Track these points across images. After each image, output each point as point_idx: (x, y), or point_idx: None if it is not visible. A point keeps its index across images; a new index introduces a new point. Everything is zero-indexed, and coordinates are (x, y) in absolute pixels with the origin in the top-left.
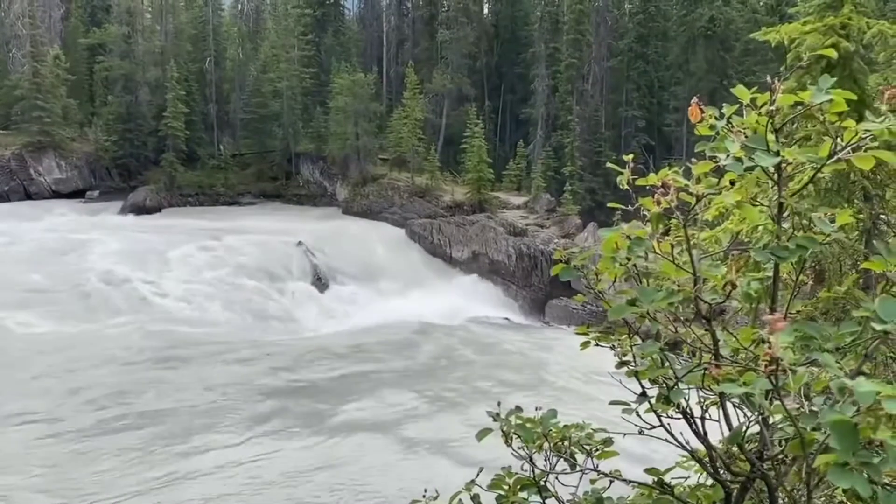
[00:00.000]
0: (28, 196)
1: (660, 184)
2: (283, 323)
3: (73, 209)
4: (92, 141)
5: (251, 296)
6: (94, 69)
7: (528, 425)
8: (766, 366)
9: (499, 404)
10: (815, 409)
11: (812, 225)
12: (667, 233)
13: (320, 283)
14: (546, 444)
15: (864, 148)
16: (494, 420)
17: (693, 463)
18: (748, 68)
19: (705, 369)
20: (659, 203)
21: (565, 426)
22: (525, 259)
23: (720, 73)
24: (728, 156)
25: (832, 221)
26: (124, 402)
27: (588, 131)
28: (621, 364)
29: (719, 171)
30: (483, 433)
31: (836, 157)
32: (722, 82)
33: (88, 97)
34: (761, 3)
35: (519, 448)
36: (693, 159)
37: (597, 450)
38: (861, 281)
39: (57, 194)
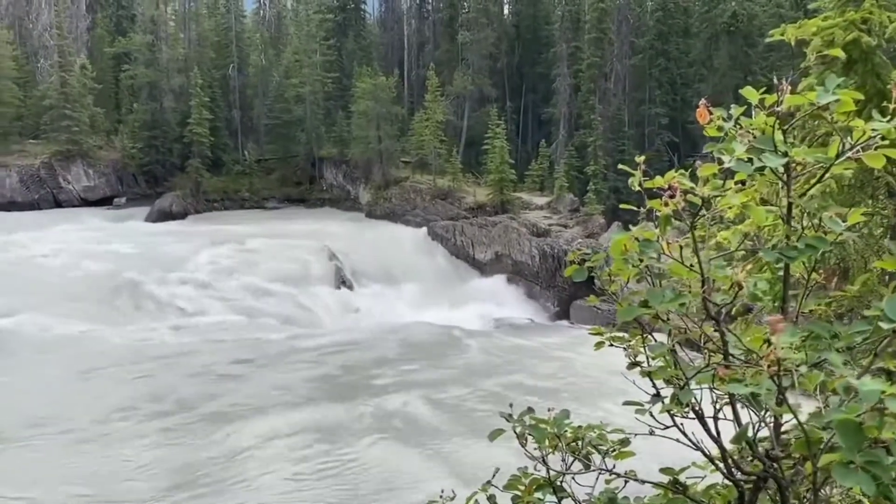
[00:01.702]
0: (57, 204)
1: (666, 186)
2: (309, 326)
3: (101, 216)
4: (119, 148)
5: (276, 299)
6: (119, 78)
7: (541, 426)
8: (768, 366)
9: (511, 405)
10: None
11: (822, 224)
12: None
13: (345, 285)
14: (561, 445)
15: (874, 147)
16: (507, 421)
17: (708, 463)
18: (772, 64)
19: (714, 369)
20: (666, 205)
21: (579, 426)
22: (548, 259)
23: (744, 70)
24: (732, 157)
25: (844, 221)
26: (154, 403)
27: (611, 130)
28: (633, 365)
29: (731, 173)
30: (495, 434)
31: (844, 157)
32: (746, 78)
33: (115, 105)
34: None
35: (534, 449)
36: (698, 161)
37: (613, 450)
38: (886, 278)
39: (85, 202)
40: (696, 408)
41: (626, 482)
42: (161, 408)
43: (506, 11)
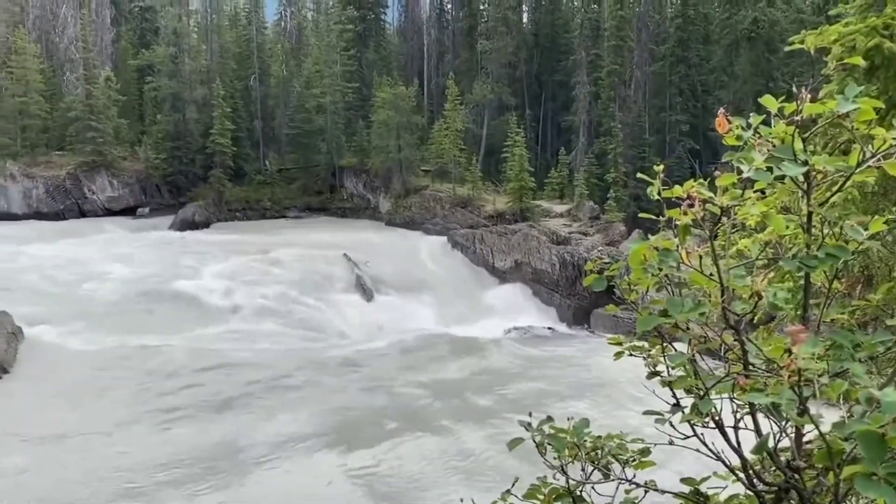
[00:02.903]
0: (82, 214)
1: (685, 196)
2: (330, 335)
3: (125, 226)
4: (142, 159)
5: (297, 308)
6: (143, 89)
7: (560, 435)
8: (789, 376)
9: (530, 414)
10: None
11: (843, 233)
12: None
13: (365, 294)
14: (580, 454)
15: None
16: (526, 430)
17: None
18: (793, 70)
19: (734, 379)
20: (685, 214)
21: (598, 436)
22: (569, 267)
23: (765, 76)
24: (751, 167)
25: (865, 229)
26: (171, 411)
27: (631, 137)
28: (652, 374)
29: (751, 181)
30: (514, 443)
31: (864, 166)
32: (767, 84)
33: (138, 117)
34: (807, 3)
35: (553, 458)
36: (717, 171)
37: (633, 459)
38: None
39: (109, 212)
40: (717, 418)
41: (646, 492)
42: (179, 415)
43: (525, 20)
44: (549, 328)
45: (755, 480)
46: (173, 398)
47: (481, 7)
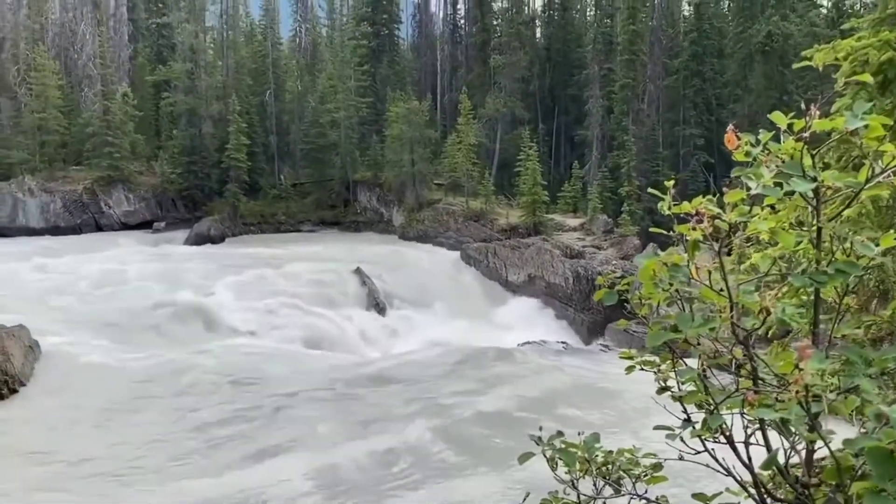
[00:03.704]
0: (99, 228)
1: (694, 212)
2: (343, 349)
3: (140, 240)
4: (158, 174)
5: (310, 321)
6: (159, 105)
7: (571, 449)
8: (796, 392)
9: (540, 428)
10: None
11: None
12: (729, 253)
13: (378, 307)
14: (591, 469)
15: None
16: (537, 444)
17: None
18: (808, 83)
19: (744, 395)
20: (694, 230)
21: (609, 451)
22: (582, 281)
23: (780, 89)
24: (759, 183)
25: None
26: (186, 428)
27: (645, 151)
28: (662, 389)
29: (761, 197)
30: (524, 457)
31: (874, 182)
32: (782, 98)
33: (155, 132)
34: (821, 17)
35: (564, 472)
36: (725, 188)
37: (645, 474)
38: None
39: (125, 226)
40: (727, 433)
41: None
42: (191, 433)
43: (538, 35)
44: (563, 342)
45: (766, 497)
46: (192, 416)
47: (494, 22)
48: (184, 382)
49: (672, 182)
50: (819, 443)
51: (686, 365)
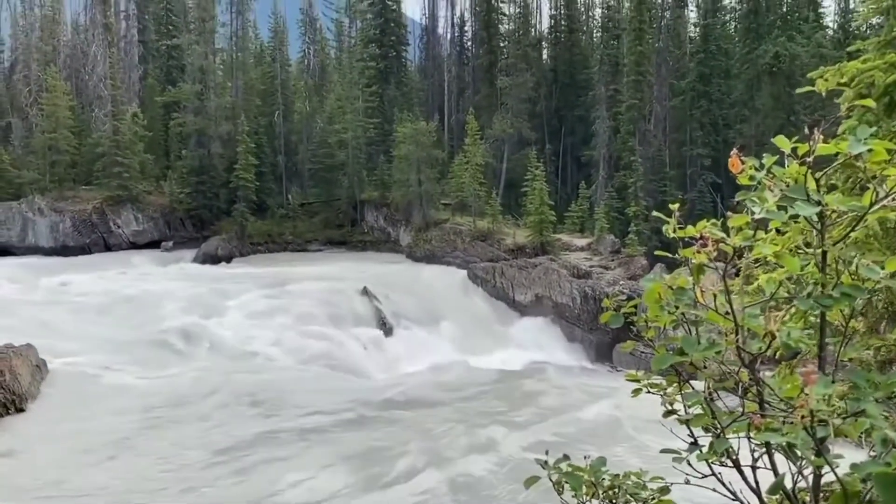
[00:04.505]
0: (107, 248)
1: (698, 236)
2: (350, 369)
3: (149, 259)
4: (167, 194)
5: (318, 341)
6: (169, 125)
7: (577, 473)
8: (801, 416)
9: (547, 452)
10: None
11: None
12: (737, 274)
13: (385, 327)
14: (598, 493)
15: None
16: (543, 468)
17: None
18: (815, 104)
19: (750, 418)
20: (699, 253)
21: (616, 474)
22: (590, 302)
23: (787, 110)
24: (763, 207)
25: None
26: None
27: (652, 171)
28: (669, 413)
29: (765, 220)
30: (530, 481)
31: (878, 206)
32: (789, 118)
33: (164, 152)
34: (827, 38)
35: (571, 496)
36: (729, 212)
37: (652, 498)
38: None
39: (134, 245)
40: (734, 457)
41: None
42: (198, 460)
43: (544, 56)
44: (571, 363)
45: None
46: (197, 442)
47: (501, 44)
48: (190, 405)
49: (677, 205)
50: (826, 467)
51: (692, 388)
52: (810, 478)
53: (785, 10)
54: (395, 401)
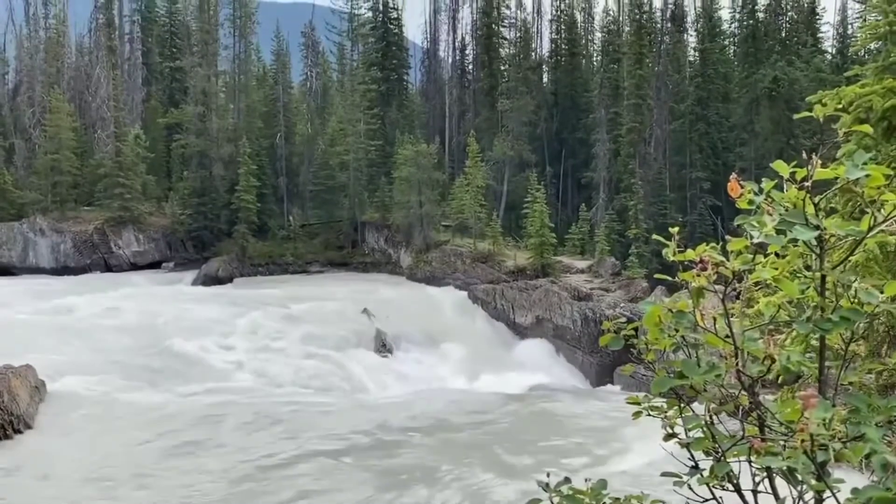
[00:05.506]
0: (108, 268)
1: (698, 259)
2: (350, 391)
3: (149, 280)
4: (168, 215)
5: (318, 363)
6: (171, 147)
7: (578, 496)
8: (801, 441)
9: (548, 475)
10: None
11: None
12: (738, 297)
13: (385, 349)
14: None
15: None
16: (544, 490)
17: None
18: (814, 127)
19: (750, 442)
20: (699, 276)
21: (617, 498)
22: (591, 324)
23: (786, 133)
24: (761, 232)
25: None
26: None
27: (652, 194)
28: (669, 437)
29: (764, 244)
30: (532, 503)
31: (875, 231)
32: (789, 142)
33: (166, 173)
34: (826, 63)
35: None
36: (728, 237)
37: None
38: None
39: (134, 266)
40: (735, 480)
41: None
42: (196, 475)
43: (545, 79)
44: (571, 385)
45: None
46: (197, 461)
47: (502, 68)
48: (189, 427)
49: (677, 228)
50: (827, 492)
51: (693, 411)
52: (811, 502)
53: (784, 34)
54: (399, 424)
